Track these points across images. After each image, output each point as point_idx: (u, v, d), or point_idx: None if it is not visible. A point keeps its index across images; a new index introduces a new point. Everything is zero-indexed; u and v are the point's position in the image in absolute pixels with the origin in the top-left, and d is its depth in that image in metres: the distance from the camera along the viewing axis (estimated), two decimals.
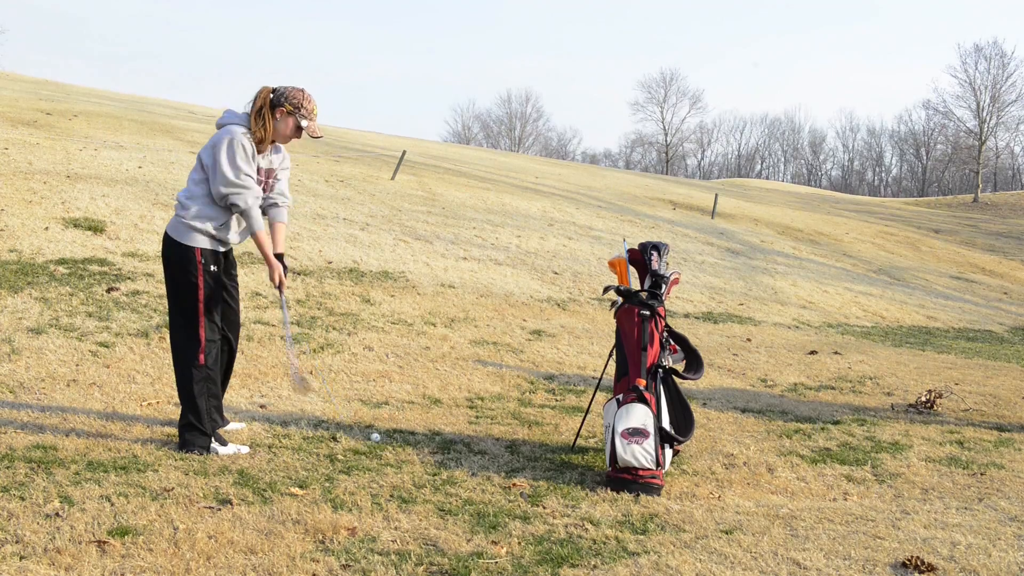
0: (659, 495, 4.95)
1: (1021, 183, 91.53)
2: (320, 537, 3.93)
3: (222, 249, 5.21)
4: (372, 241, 12.73)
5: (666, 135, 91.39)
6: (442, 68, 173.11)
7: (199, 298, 5.10)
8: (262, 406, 6.12)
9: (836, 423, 7.05)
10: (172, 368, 5.37)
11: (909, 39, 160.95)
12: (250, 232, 5.16)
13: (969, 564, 4.02)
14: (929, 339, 13.35)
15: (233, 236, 5.22)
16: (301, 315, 8.73)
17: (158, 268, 9.16)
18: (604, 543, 4.12)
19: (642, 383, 5.25)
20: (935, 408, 7.77)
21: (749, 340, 11.04)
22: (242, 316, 8.13)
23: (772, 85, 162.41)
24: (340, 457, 5.16)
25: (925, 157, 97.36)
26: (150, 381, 6.36)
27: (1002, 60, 60.59)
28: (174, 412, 5.59)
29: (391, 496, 4.56)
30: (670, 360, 5.66)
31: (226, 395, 5.69)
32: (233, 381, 6.52)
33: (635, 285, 5.88)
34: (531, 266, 13.39)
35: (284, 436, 5.47)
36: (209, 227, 5.10)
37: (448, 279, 11.53)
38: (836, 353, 10.65)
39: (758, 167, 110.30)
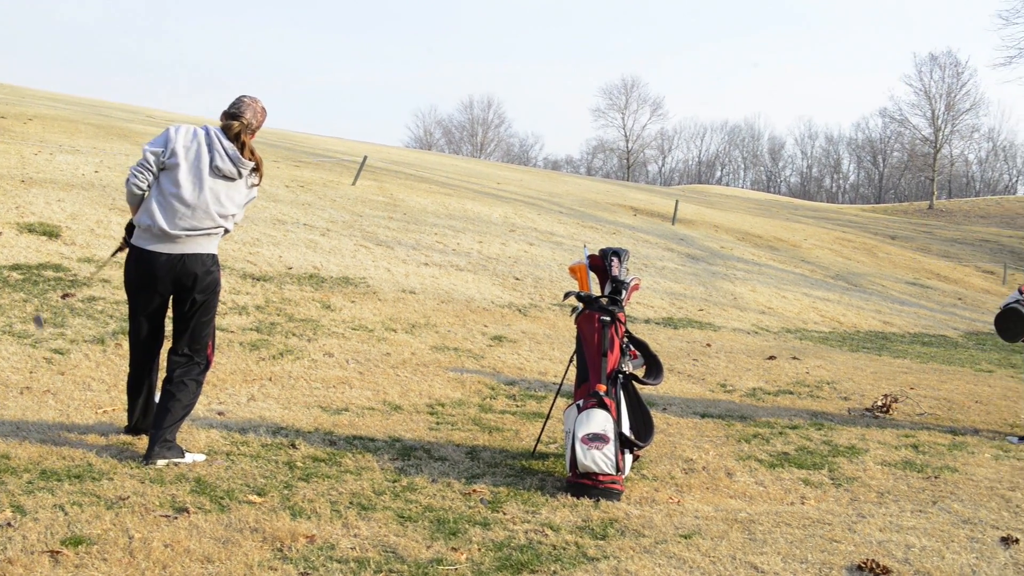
0: (619, 500, 4.96)
1: (975, 190, 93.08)
2: (278, 545, 3.90)
3: None
4: (333, 247, 12.67)
5: (627, 141, 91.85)
6: (403, 73, 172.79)
7: None
8: (220, 413, 6.06)
9: (794, 428, 7.11)
10: (128, 375, 5.33)
11: (866, 48, 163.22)
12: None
13: (923, 567, 4.07)
14: (885, 344, 13.52)
15: None
16: (260, 321, 8.66)
17: (114, 274, 9.05)
18: (564, 549, 4.13)
19: (602, 389, 5.27)
20: (891, 412, 7.87)
21: (709, 345, 11.11)
22: None
23: (732, 93, 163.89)
24: (299, 464, 5.13)
25: (882, 164, 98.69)
26: (106, 388, 6.28)
27: (956, 69, 61.61)
28: None
29: (350, 503, 4.54)
30: (630, 366, 5.68)
31: None
32: None
33: (596, 291, 5.89)
34: (492, 272, 13.39)
35: (242, 443, 5.42)
36: None
37: (409, 285, 11.50)
38: (794, 358, 10.75)
39: (718, 173, 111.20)
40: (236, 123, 5.10)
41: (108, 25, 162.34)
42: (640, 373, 5.75)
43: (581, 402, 5.24)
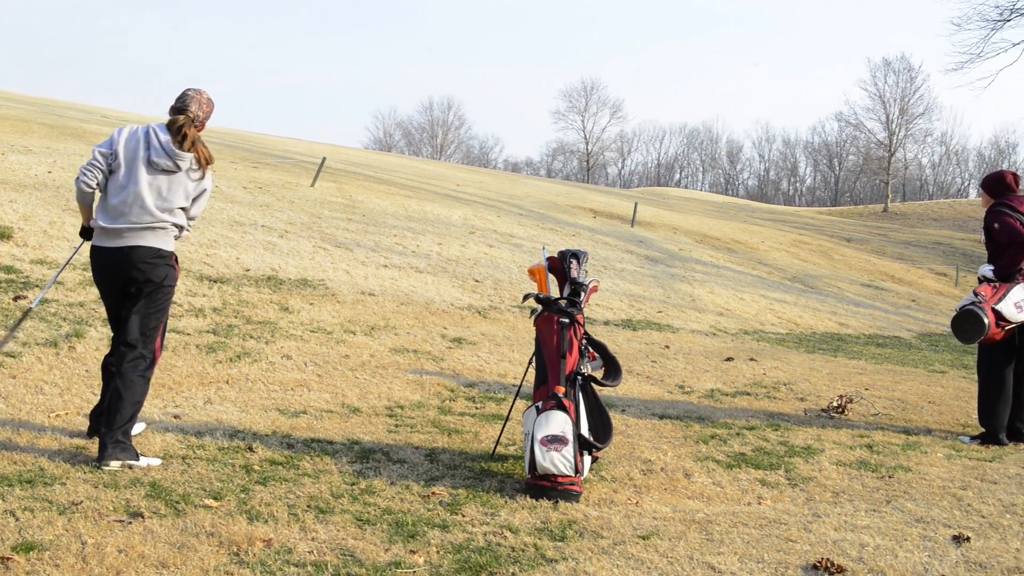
0: (578, 502, 4.98)
1: (928, 194, 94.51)
2: (235, 549, 3.86)
3: None
4: (291, 248, 12.58)
5: (587, 144, 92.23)
6: (364, 74, 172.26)
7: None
8: (176, 416, 6.00)
9: (751, 428, 7.17)
10: (82, 379, 5.26)
11: (822, 52, 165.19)
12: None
13: (877, 565, 4.13)
14: (841, 345, 13.68)
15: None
16: (217, 323, 8.58)
17: (67, 276, 8.92)
18: (523, 550, 4.13)
19: (561, 390, 5.28)
20: (846, 413, 7.96)
21: (667, 347, 11.17)
22: None
23: (690, 96, 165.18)
24: (256, 467, 5.08)
25: (838, 168, 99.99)
26: (59, 392, 6.18)
27: (910, 74, 62.72)
28: (83, 423, 5.45)
29: (308, 506, 4.51)
30: (589, 367, 5.70)
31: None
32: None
33: (554, 293, 5.91)
34: (452, 274, 13.38)
35: (198, 447, 5.36)
36: None
37: (368, 287, 11.45)
38: (752, 359, 10.84)
39: (677, 176, 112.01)
40: (181, 117, 5.16)
41: (60, 23, 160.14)
42: (599, 375, 5.77)
43: (540, 404, 5.24)
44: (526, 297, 5.78)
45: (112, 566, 3.59)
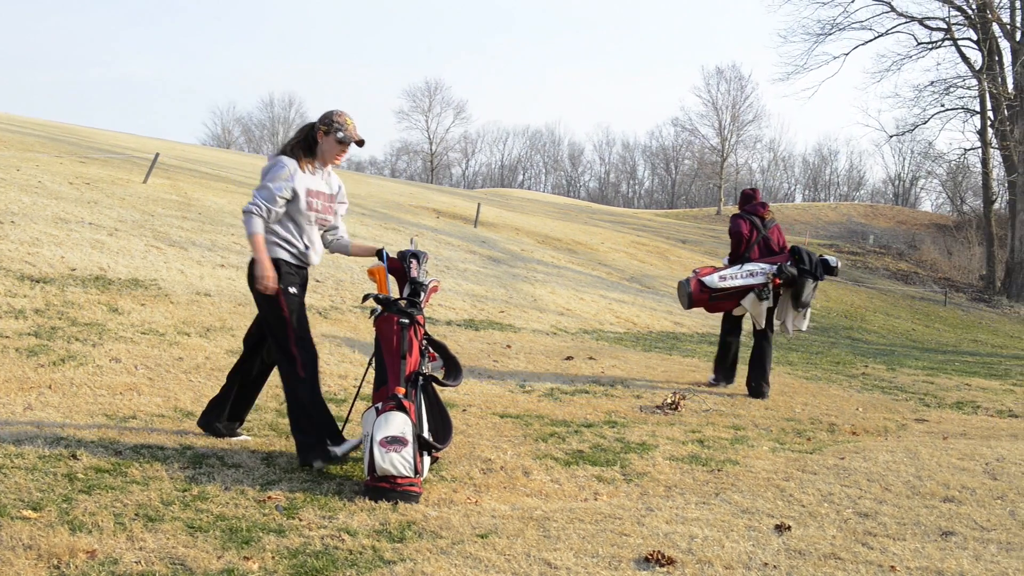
0: (417, 502, 4.97)
1: None
2: (55, 562, 3.68)
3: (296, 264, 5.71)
4: (121, 247, 12.08)
5: (431, 144, 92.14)
6: (200, 69, 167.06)
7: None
8: None
9: (589, 426, 7.33)
10: None
11: (659, 58, 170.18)
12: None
13: (705, 555, 4.29)
14: (676, 344, 14.13)
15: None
16: (40, 326, 8.15)
17: None
18: (360, 553, 4.10)
19: (401, 391, 5.27)
20: (679, 409, 8.24)
21: (509, 346, 11.29)
22: None
23: (533, 99, 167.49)
24: (80, 476, 4.86)
25: (674, 171, 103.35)
26: None
27: (740, 83, 65.40)
28: None
29: (136, 515, 4.34)
30: (429, 367, 5.70)
31: None
32: None
33: (394, 293, 5.88)
34: None
35: (16, 456, 5.08)
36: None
37: (204, 287, 11.11)
38: (591, 358, 11.07)
39: (520, 177, 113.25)
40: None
41: None
42: (439, 375, 5.78)
43: (380, 405, 5.21)
44: (366, 297, 5.74)
45: None
